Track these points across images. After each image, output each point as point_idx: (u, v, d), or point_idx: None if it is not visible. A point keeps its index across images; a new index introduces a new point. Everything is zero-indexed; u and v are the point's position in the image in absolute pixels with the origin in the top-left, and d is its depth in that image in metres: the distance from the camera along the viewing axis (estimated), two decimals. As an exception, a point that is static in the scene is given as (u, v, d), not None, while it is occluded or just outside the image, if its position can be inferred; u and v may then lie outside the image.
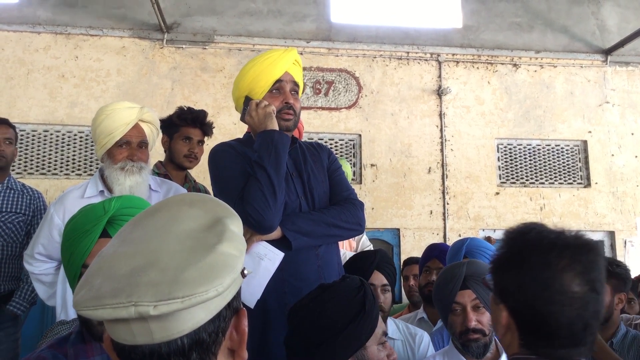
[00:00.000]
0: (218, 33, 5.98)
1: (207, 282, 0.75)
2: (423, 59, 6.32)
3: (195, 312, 0.76)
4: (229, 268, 0.78)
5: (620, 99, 6.55)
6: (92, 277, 0.78)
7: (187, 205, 0.88)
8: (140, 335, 0.75)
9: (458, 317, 2.02)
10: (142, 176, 2.36)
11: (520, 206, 6.15)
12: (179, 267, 0.75)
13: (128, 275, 0.75)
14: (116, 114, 2.35)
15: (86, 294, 0.76)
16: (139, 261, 0.77)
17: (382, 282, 2.34)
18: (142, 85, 5.75)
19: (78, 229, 1.36)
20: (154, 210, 0.89)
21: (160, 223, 0.84)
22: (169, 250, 0.78)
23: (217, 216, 0.86)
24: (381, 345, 1.60)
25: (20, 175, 5.40)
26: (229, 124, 5.71)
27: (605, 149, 6.40)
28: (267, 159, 1.95)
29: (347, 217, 2.07)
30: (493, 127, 6.27)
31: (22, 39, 5.67)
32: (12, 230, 3.30)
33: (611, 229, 6.25)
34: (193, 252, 0.78)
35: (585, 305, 1.11)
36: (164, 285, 0.73)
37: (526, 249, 1.17)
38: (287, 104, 2.11)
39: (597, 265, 1.14)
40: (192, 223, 0.84)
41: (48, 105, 5.58)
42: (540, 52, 6.47)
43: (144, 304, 0.72)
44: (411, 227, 5.94)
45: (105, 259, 0.81)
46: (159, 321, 0.74)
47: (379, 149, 6.03)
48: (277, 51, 2.16)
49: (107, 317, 0.74)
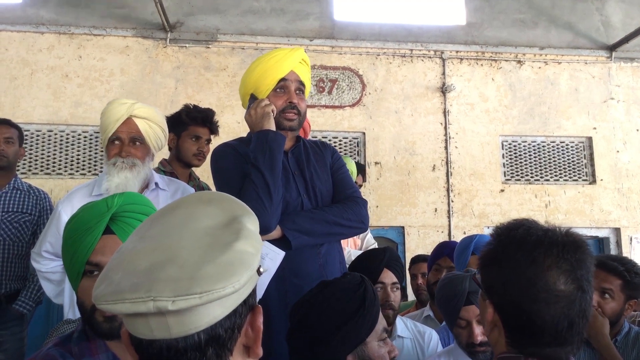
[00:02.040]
0: (221, 32, 5.97)
1: (225, 278, 0.76)
2: (427, 57, 6.31)
3: (212, 308, 0.77)
4: (246, 265, 0.80)
5: (625, 95, 6.52)
6: (111, 272, 0.80)
7: (205, 203, 0.89)
8: (158, 330, 0.77)
9: (464, 330, 2.01)
10: (132, 172, 2.33)
11: (525, 203, 6.13)
12: (197, 264, 0.76)
13: (147, 271, 0.76)
14: (109, 110, 2.37)
15: (106, 288, 0.78)
16: (157, 257, 0.78)
17: (392, 280, 2.33)
18: (146, 84, 5.75)
19: (81, 226, 1.36)
20: (171, 208, 0.91)
21: (178, 220, 0.86)
22: (187, 246, 0.79)
23: (234, 214, 0.88)
24: (382, 341, 1.59)
25: (25, 175, 5.41)
26: (233, 122, 5.71)
27: (610, 146, 6.37)
28: (262, 159, 1.95)
29: (350, 214, 2.07)
30: (497, 124, 6.25)
31: (26, 39, 5.68)
32: (18, 230, 3.31)
33: (617, 225, 6.22)
34: (210, 249, 0.79)
35: (571, 304, 1.10)
36: (182, 281, 0.74)
37: (512, 246, 1.16)
38: (291, 104, 2.10)
39: (585, 263, 1.13)
40: (210, 221, 0.85)
41: (52, 105, 5.58)
42: (544, 49, 6.45)
43: (163, 299, 0.73)
44: (416, 225, 5.92)
45: (124, 254, 0.82)
46: (176, 316, 0.76)
47: (383, 146, 6.02)
48: (283, 50, 2.15)
49: (126, 312, 0.76)
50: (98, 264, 1.34)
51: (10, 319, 3.28)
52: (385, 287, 2.29)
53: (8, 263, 3.27)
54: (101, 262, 1.34)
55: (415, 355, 2.31)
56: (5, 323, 3.28)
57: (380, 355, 1.57)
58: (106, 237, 1.36)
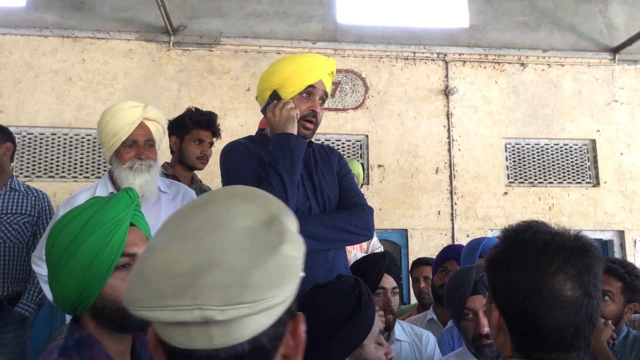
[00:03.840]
0: (224, 35, 5.98)
1: (274, 287, 0.70)
2: (430, 59, 6.31)
3: (258, 318, 0.71)
4: (294, 272, 0.75)
5: (628, 97, 6.50)
6: (146, 273, 0.73)
7: (239, 199, 0.82)
8: (199, 340, 0.71)
9: (470, 322, 2.00)
10: (151, 174, 2.36)
11: (528, 206, 6.11)
12: (244, 269, 0.70)
13: (190, 274, 0.69)
14: (120, 114, 2.35)
15: (144, 292, 0.71)
16: (198, 259, 0.71)
17: (392, 284, 2.32)
18: (149, 87, 5.76)
19: (110, 219, 1.32)
20: (202, 203, 0.83)
21: (213, 217, 0.78)
22: (230, 249, 0.72)
23: (272, 213, 0.81)
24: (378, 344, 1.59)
25: (29, 178, 5.42)
26: (236, 125, 5.71)
27: (614, 148, 6.36)
28: (282, 163, 1.93)
29: (357, 222, 2.06)
30: (501, 126, 6.24)
31: (30, 42, 5.70)
32: (17, 232, 3.28)
33: (621, 228, 6.20)
34: (256, 253, 0.73)
35: (577, 310, 1.08)
36: (231, 288, 0.68)
37: (519, 249, 1.14)
38: (313, 112, 2.10)
39: (593, 269, 1.11)
40: (248, 220, 0.78)
41: (56, 109, 5.60)
42: (547, 51, 6.44)
43: (210, 307, 0.67)
44: (419, 228, 5.91)
45: (157, 253, 0.75)
46: (222, 326, 0.70)
47: (386, 149, 6.01)
48: (319, 57, 2.15)
49: (167, 320, 0.69)
50: (135, 255, 1.33)
51: (12, 322, 3.27)
52: (386, 292, 2.29)
53: (9, 265, 3.25)
54: (138, 253, 1.33)
55: (414, 358, 2.31)
56: (7, 326, 3.26)
57: (378, 358, 1.57)
58: (132, 228, 1.36)
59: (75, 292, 1.30)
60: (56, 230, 1.35)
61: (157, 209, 2.43)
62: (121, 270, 1.31)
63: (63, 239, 1.32)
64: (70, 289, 1.31)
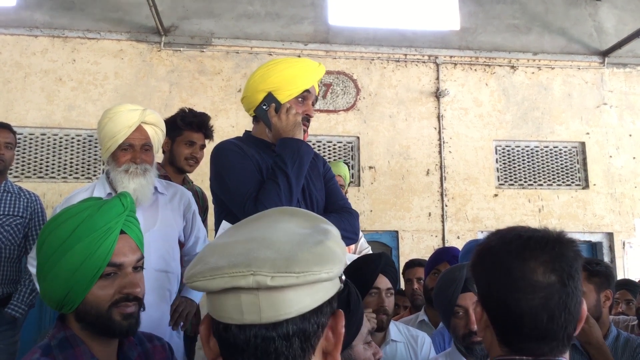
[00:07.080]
0: (216, 36, 5.97)
1: (320, 263, 0.78)
2: (421, 61, 6.33)
3: (302, 296, 0.78)
4: (338, 259, 0.81)
5: (617, 100, 6.56)
6: (206, 257, 0.82)
7: (288, 215, 0.92)
8: (249, 313, 0.77)
9: (461, 320, 2.01)
10: (146, 178, 2.34)
11: (518, 208, 6.15)
12: (292, 250, 0.79)
13: (244, 252, 0.79)
14: (119, 116, 2.34)
15: (202, 267, 0.80)
16: (252, 245, 0.81)
17: (387, 285, 2.33)
18: (140, 88, 5.74)
19: (99, 227, 1.31)
20: (254, 218, 0.93)
21: (266, 223, 0.89)
22: (280, 238, 0.82)
23: (318, 222, 0.91)
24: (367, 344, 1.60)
25: (18, 178, 5.38)
26: (227, 126, 5.70)
27: (603, 151, 6.41)
28: (292, 167, 1.95)
29: (345, 225, 2.07)
30: (491, 128, 6.28)
31: (20, 42, 5.67)
32: (9, 233, 3.28)
33: (610, 230, 6.25)
34: (303, 243, 0.81)
35: (549, 296, 1.10)
36: (280, 260, 0.76)
37: (499, 243, 1.18)
38: (307, 116, 2.14)
39: (566, 257, 1.13)
40: (297, 227, 0.88)
41: (45, 109, 5.56)
42: (537, 54, 6.49)
43: (263, 273, 0.74)
44: (410, 230, 5.93)
45: (217, 246, 0.85)
46: (269, 297, 0.76)
47: (377, 151, 6.03)
48: (313, 62, 2.18)
49: (224, 286, 0.76)
50: (121, 265, 1.33)
51: (3, 323, 3.25)
52: (380, 292, 2.30)
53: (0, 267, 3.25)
54: (124, 263, 1.33)
55: (409, 359, 2.31)
56: (-2, 327, 3.26)
57: (367, 358, 1.58)
58: (121, 236, 1.35)
59: (60, 294, 1.31)
60: (48, 229, 1.36)
61: (154, 210, 2.42)
62: (105, 279, 1.32)
63: (52, 241, 1.33)
64: (56, 291, 1.32)
